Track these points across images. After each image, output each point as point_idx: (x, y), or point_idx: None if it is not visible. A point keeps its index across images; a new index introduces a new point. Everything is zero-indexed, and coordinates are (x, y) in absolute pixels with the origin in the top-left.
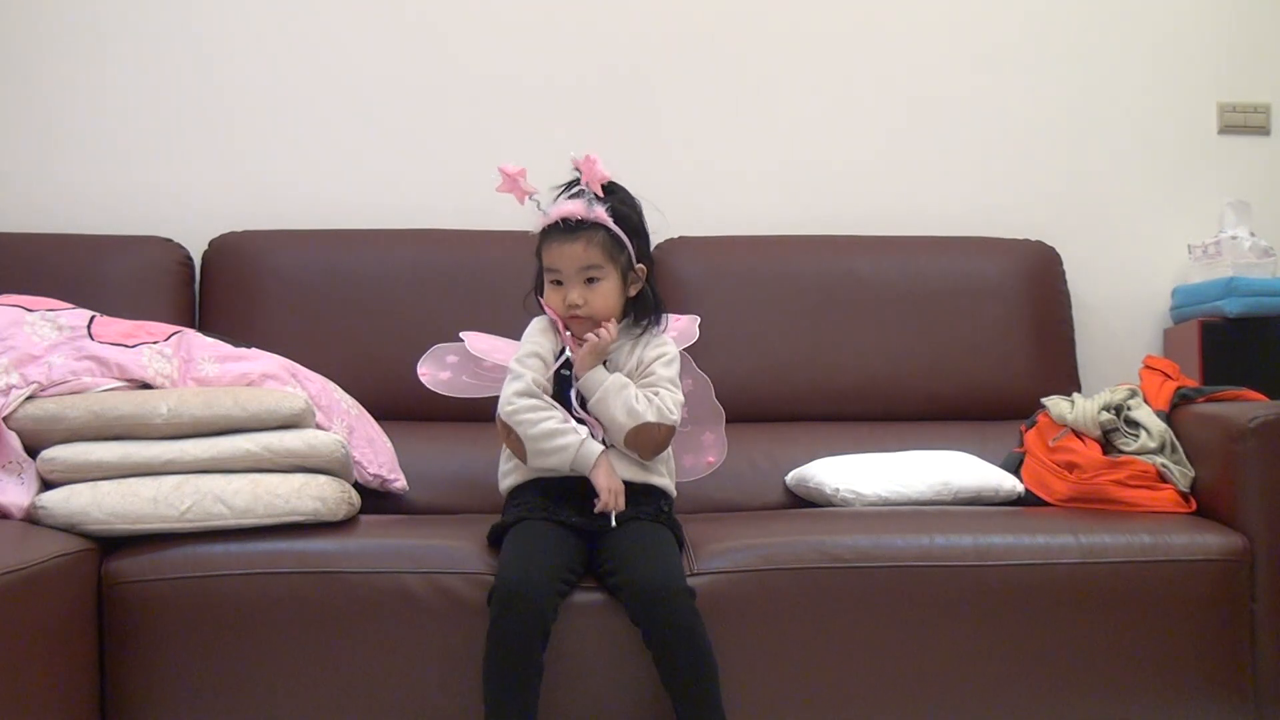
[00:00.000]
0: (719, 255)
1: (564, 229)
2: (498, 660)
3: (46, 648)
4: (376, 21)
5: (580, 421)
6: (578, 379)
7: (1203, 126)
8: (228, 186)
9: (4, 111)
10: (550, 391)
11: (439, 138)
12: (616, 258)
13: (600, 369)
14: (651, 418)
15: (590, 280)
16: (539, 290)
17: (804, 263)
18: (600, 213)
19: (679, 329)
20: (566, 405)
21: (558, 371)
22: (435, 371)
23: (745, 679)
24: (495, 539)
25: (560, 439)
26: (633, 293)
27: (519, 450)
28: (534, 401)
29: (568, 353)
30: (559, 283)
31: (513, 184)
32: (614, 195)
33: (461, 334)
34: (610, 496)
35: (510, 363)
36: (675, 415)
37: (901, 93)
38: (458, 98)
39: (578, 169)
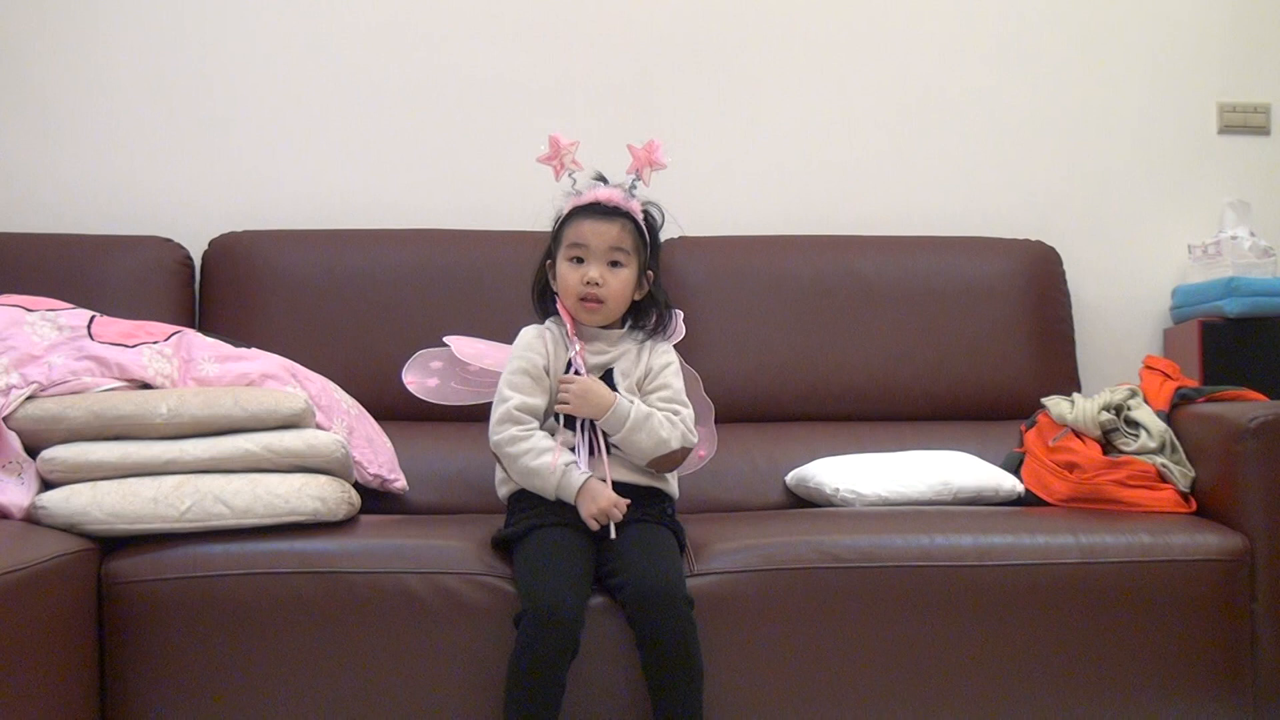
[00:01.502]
0: (719, 255)
1: (599, 211)
2: (525, 682)
3: (46, 647)
4: (376, 22)
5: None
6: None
7: (1203, 126)
8: (228, 186)
9: (4, 111)
10: (545, 404)
11: (439, 138)
12: (639, 252)
13: (620, 401)
14: (676, 444)
15: (613, 264)
16: (545, 281)
17: (804, 263)
18: (635, 206)
19: None
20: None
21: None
22: (422, 379)
23: (745, 678)
24: (500, 544)
25: (537, 479)
26: (639, 296)
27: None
28: (513, 433)
29: (575, 358)
30: (580, 260)
31: (556, 155)
32: (639, 199)
33: (445, 338)
34: (597, 522)
35: (500, 382)
36: (694, 436)
37: (901, 93)
38: (458, 98)
39: (632, 153)
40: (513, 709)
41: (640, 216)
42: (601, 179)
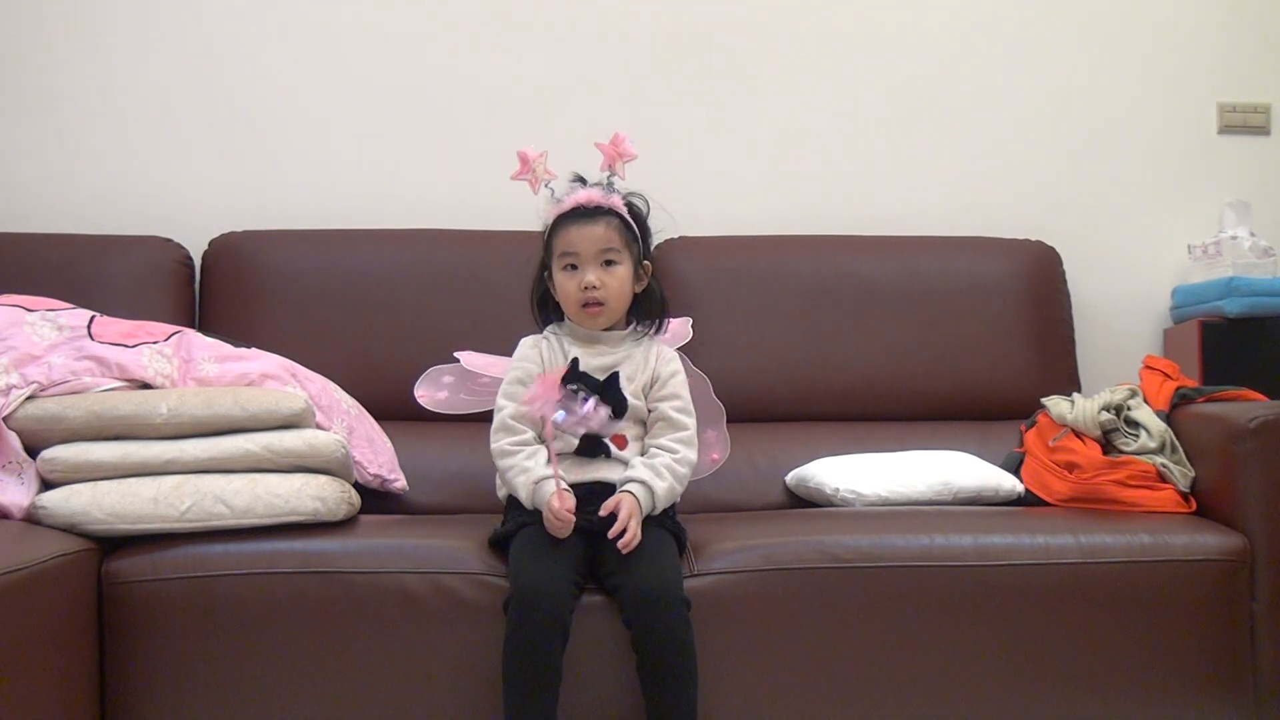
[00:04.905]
0: (719, 255)
1: (582, 214)
2: (519, 668)
3: (46, 647)
4: (377, 23)
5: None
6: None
7: (1203, 126)
8: (228, 186)
9: (5, 111)
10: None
11: (439, 138)
12: (631, 246)
13: (640, 495)
14: (684, 484)
15: (607, 264)
16: (541, 291)
17: (804, 263)
18: (617, 200)
19: (672, 331)
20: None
21: (563, 386)
22: (432, 392)
23: (745, 679)
24: (496, 544)
25: (518, 492)
26: (639, 289)
27: None
28: (504, 445)
29: (574, 357)
30: (573, 267)
31: (529, 169)
32: (619, 192)
33: (456, 354)
34: (561, 528)
35: (498, 392)
36: (695, 455)
37: (901, 93)
38: (457, 99)
39: (601, 150)
40: (510, 696)
41: (624, 210)
42: (580, 180)
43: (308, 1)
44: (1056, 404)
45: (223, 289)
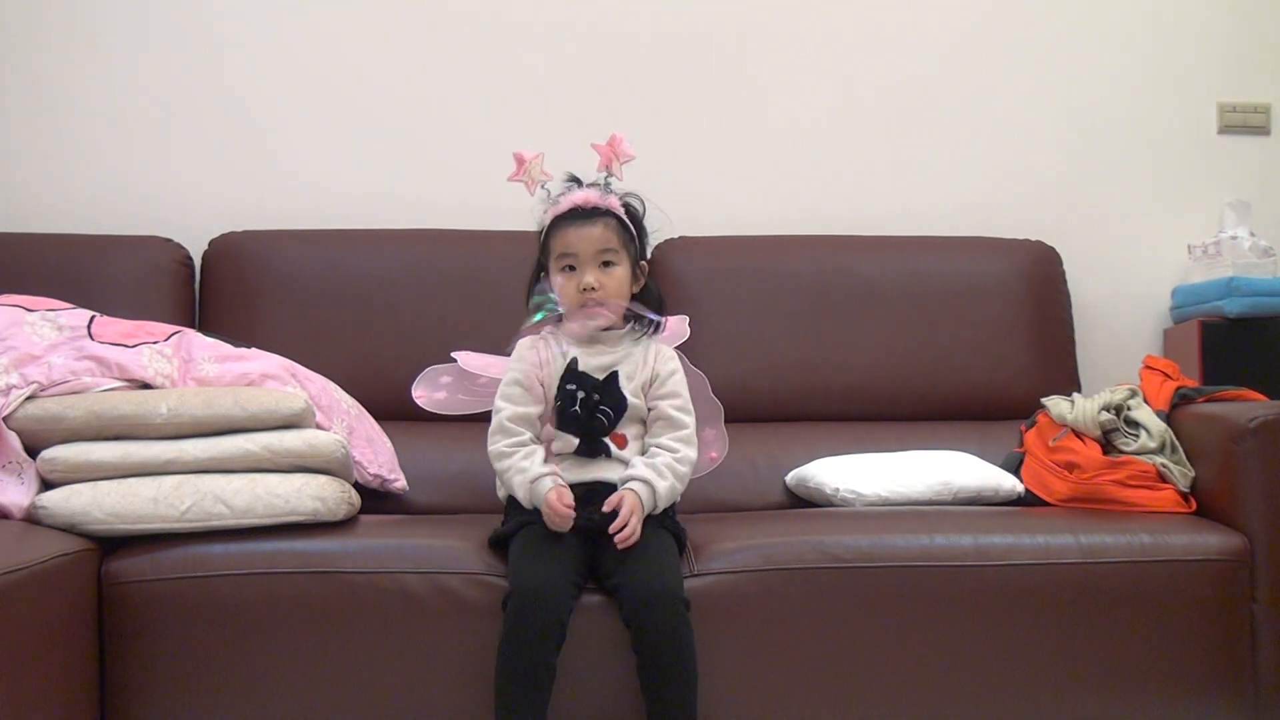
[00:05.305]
0: (719, 255)
1: (579, 215)
2: (513, 666)
3: (46, 647)
4: (377, 22)
5: (596, 414)
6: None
7: (1203, 126)
8: (228, 186)
9: (5, 111)
10: (539, 412)
11: (439, 138)
12: (628, 246)
13: (642, 494)
14: (685, 483)
15: (605, 264)
16: (537, 295)
17: (804, 263)
18: (614, 201)
19: (670, 329)
20: (574, 416)
21: (562, 385)
22: (430, 393)
23: (745, 678)
24: (496, 544)
25: (517, 492)
26: (636, 289)
27: None
28: (501, 447)
29: (574, 356)
30: (571, 268)
31: (524, 171)
32: (616, 193)
33: (453, 354)
34: (561, 522)
35: (496, 394)
36: (695, 454)
37: (901, 93)
38: (457, 98)
39: (598, 151)
40: (502, 694)
41: (621, 211)
42: (576, 181)
43: (308, 1)
44: (1056, 404)
45: (223, 289)
